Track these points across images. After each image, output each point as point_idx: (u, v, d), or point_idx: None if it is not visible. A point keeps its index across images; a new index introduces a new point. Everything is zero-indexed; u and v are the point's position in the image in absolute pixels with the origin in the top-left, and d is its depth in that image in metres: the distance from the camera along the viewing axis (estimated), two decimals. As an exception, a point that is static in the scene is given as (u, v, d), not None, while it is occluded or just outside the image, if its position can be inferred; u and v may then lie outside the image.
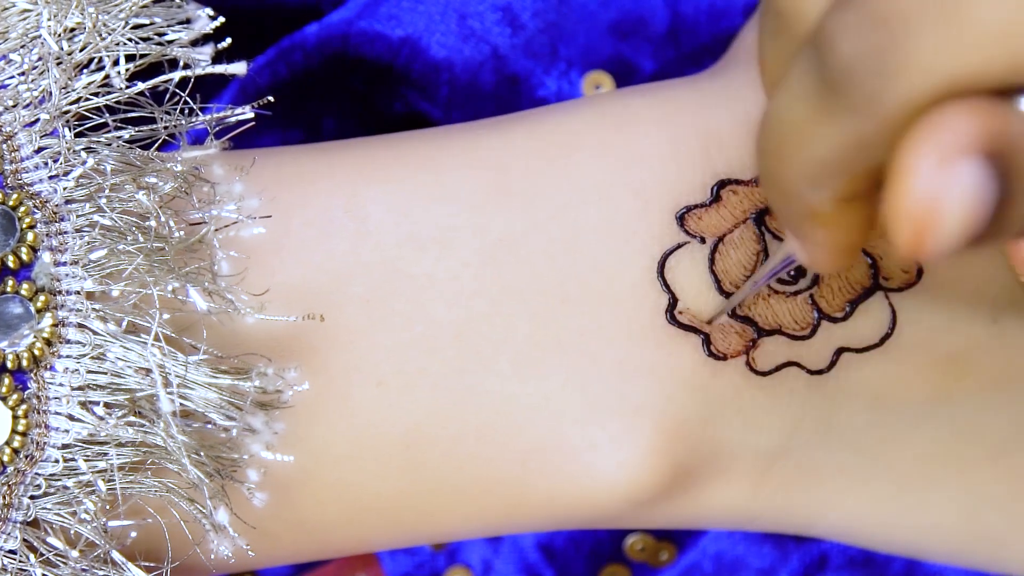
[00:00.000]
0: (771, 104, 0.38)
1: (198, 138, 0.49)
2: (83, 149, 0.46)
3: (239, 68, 0.50)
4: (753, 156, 0.39)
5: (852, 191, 0.37)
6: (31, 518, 0.46)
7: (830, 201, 0.37)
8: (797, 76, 0.36)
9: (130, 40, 0.48)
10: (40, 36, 0.47)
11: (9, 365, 0.46)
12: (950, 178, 0.33)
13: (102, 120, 0.47)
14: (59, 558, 0.46)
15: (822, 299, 0.50)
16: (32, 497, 0.46)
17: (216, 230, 0.48)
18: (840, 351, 0.51)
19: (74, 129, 0.47)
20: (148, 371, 0.46)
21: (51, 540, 0.46)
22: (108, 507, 0.47)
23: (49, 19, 0.47)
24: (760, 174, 0.39)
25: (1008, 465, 0.53)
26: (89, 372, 0.46)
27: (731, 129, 0.51)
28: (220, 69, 0.49)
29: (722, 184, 0.50)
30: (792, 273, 0.50)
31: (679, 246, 0.50)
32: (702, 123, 0.51)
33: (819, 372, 0.51)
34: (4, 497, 0.46)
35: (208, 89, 0.58)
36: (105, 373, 0.46)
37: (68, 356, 0.46)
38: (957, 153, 0.33)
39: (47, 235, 0.46)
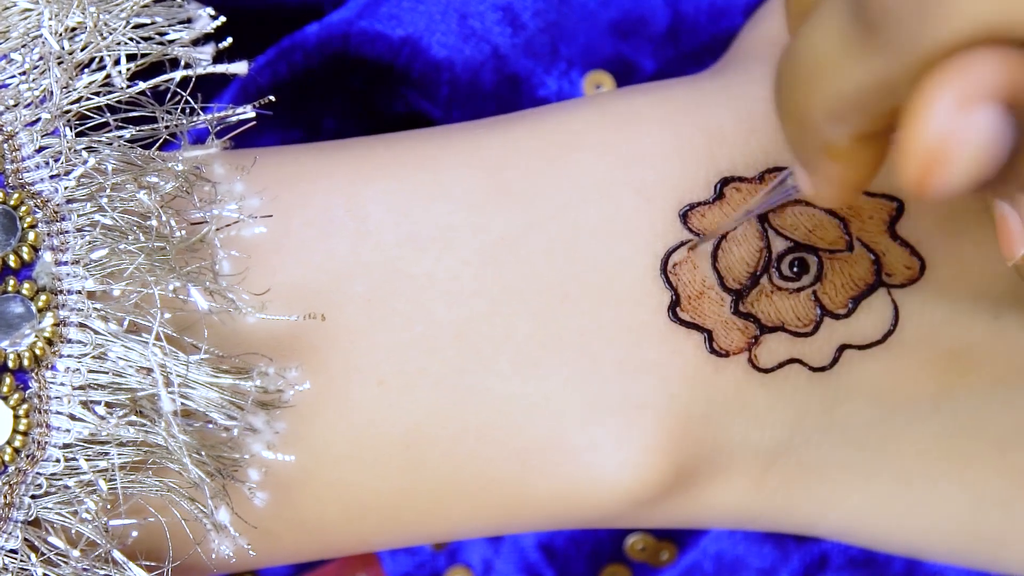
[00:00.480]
0: (799, 35, 0.38)
1: (199, 138, 0.49)
2: (84, 148, 0.46)
3: (240, 68, 0.50)
4: (772, 94, 0.40)
5: (870, 129, 0.37)
6: (32, 517, 0.46)
7: (847, 136, 0.38)
8: (830, 9, 0.37)
9: (131, 40, 0.48)
10: (41, 35, 0.47)
11: (10, 364, 0.46)
12: (966, 120, 0.34)
13: (103, 119, 0.47)
14: (60, 557, 0.46)
15: (824, 295, 0.50)
16: (33, 496, 0.46)
17: (217, 229, 0.48)
18: (843, 348, 0.51)
19: (75, 128, 0.47)
20: (149, 370, 0.46)
21: (52, 539, 0.46)
22: (109, 507, 0.47)
23: (50, 18, 0.47)
24: (778, 103, 0.40)
25: (1009, 462, 0.53)
26: (90, 371, 0.46)
27: (733, 127, 0.51)
28: (221, 69, 0.49)
29: (725, 182, 0.50)
30: (795, 270, 0.50)
31: (682, 243, 0.50)
32: (704, 121, 0.51)
33: (821, 369, 0.51)
34: (5, 496, 0.46)
35: (209, 89, 0.58)
36: (106, 372, 0.46)
37: (69, 355, 0.46)
38: (977, 97, 0.34)
39: (48, 234, 0.46)
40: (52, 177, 0.46)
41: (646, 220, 0.50)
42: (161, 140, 0.48)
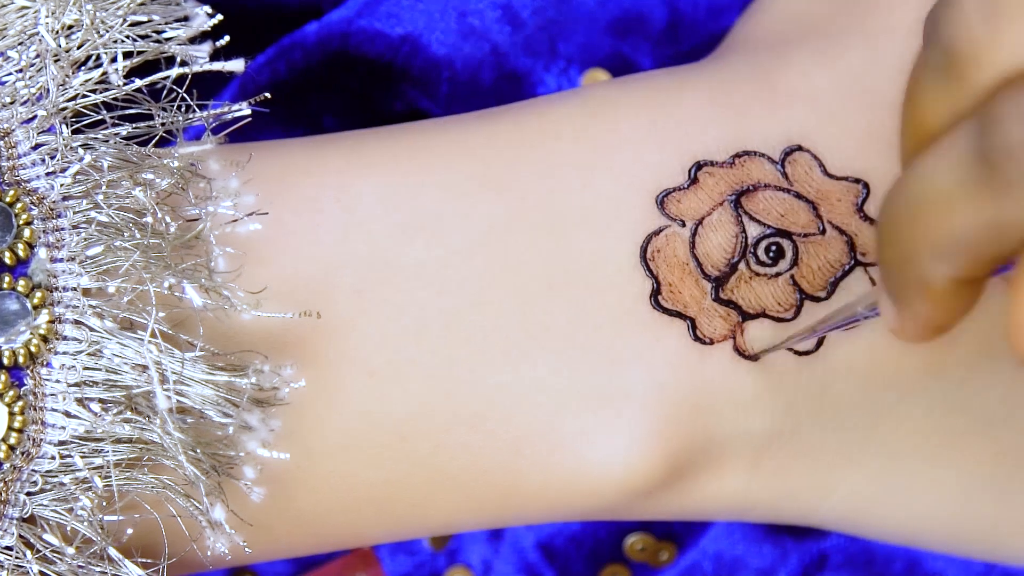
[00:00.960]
0: (916, 166, 0.37)
1: (198, 136, 0.49)
2: (80, 146, 0.47)
3: (236, 65, 0.50)
4: (878, 220, 0.39)
5: (973, 274, 0.37)
6: (28, 515, 0.46)
7: (947, 279, 0.37)
8: (954, 144, 0.36)
9: (128, 37, 0.48)
10: (38, 33, 0.47)
11: (5, 361, 0.46)
12: None
13: (99, 117, 0.47)
14: (56, 554, 0.46)
15: (803, 279, 0.50)
16: (29, 494, 0.46)
17: (212, 226, 0.48)
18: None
19: (71, 126, 0.47)
20: (144, 368, 0.46)
21: (48, 537, 0.46)
22: (105, 504, 0.47)
23: (47, 16, 0.47)
24: (882, 231, 0.39)
25: (995, 439, 0.53)
26: (86, 369, 0.46)
27: (710, 112, 0.51)
28: (218, 66, 0.49)
29: (699, 166, 0.50)
30: (772, 255, 0.50)
31: (660, 230, 0.50)
32: (679, 107, 0.51)
33: (807, 353, 0.51)
34: (1, 493, 0.46)
35: (209, 88, 0.58)
36: (101, 370, 0.46)
37: (65, 352, 0.46)
38: None
39: (44, 231, 0.46)
40: (48, 174, 0.46)
41: (625, 207, 0.50)
42: (157, 137, 0.48)
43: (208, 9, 0.50)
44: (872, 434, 0.52)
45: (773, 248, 0.50)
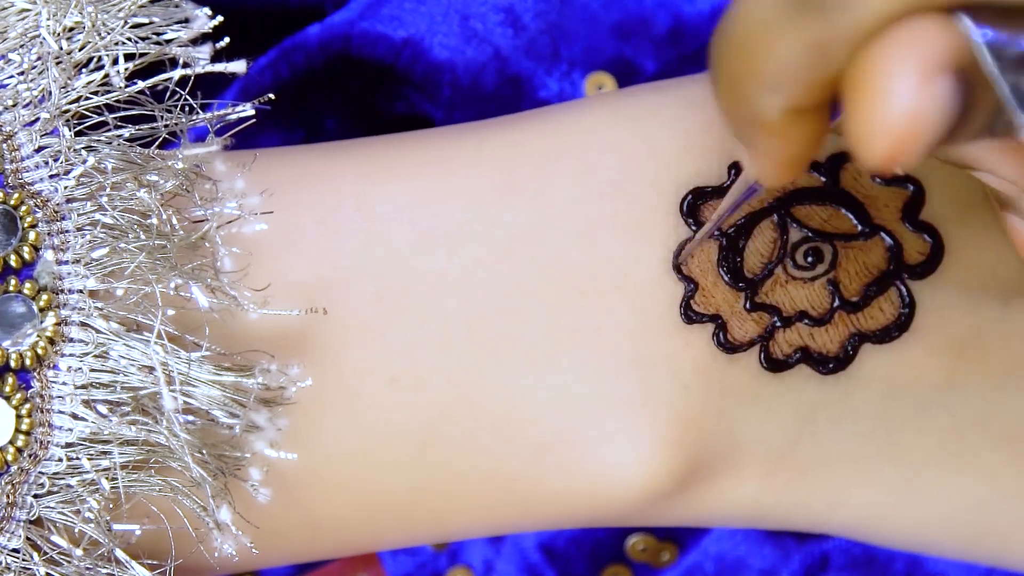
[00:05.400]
0: (733, 3, 0.37)
1: (201, 138, 0.49)
2: (83, 148, 0.47)
3: (238, 67, 0.50)
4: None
5: (805, 101, 0.37)
6: (35, 516, 0.46)
7: (780, 109, 0.37)
8: None
9: (129, 39, 0.48)
10: (39, 35, 0.47)
11: (12, 364, 0.46)
12: (929, 91, 0.34)
13: (102, 119, 0.47)
14: (63, 556, 0.46)
15: (839, 283, 0.50)
16: (36, 496, 0.46)
17: (218, 227, 0.48)
18: (859, 340, 0.51)
19: (74, 128, 0.47)
20: (151, 369, 0.46)
21: (55, 538, 0.46)
22: (111, 505, 0.47)
23: (48, 18, 0.47)
24: (713, 76, 0.39)
25: (1017, 454, 0.53)
26: (92, 371, 0.46)
27: None
28: (219, 68, 0.50)
29: (739, 169, 0.50)
30: (810, 259, 0.50)
31: (692, 236, 0.50)
32: (715, 116, 0.51)
33: (831, 371, 0.51)
34: (8, 496, 0.46)
35: (210, 89, 0.58)
36: (108, 371, 0.46)
37: (71, 355, 0.46)
38: (937, 67, 0.34)
39: (49, 234, 0.46)
40: (52, 177, 0.46)
41: (660, 215, 0.50)
42: (160, 139, 0.48)
43: (208, 11, 0.50)
44: (889, 445, 0.52)
45: (812, 252, 0.50)
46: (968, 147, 0.42)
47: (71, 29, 0.47)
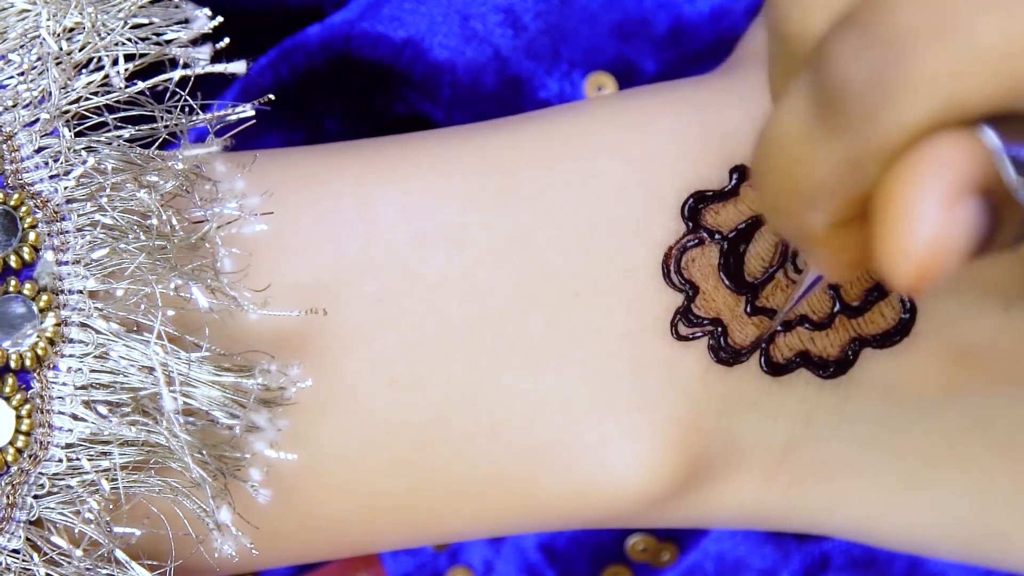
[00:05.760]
0: (769, 120, 0.37)
1: (201, 139, 0.49)
2: (83, 148, 0.47)
3: (238, 67, 0.50)
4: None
5: (846, 214, 0.36)
6: (35, 517, 0.46)
7: (824, 224, 0.37)
8: (795, 95, 0.36)
9: (129, 40, 0.48)
10: (39, 36, 0.47)
11: (12, 365, 0.46)
12: (954, 217, 0.33)
13: (102, 119, 0.47)
14: (63, 557, 0.46)
15: (840, 288, 0.50)
16: (36, 496, 0.46)
17: (218, 227, 0.48)
18: (859, 345, 0.51)
19: (74, 128, 0.47)
20: (151, 369, 0.46)
21: (55, 539, 0.46)
22: (112, 506, 0.47)
23: (48, 19, 0.47)
24: (757, 192, 0.39)
25: (1016, 460, 0.53)
26: (92, 371, 0.46)
27: (748, 126, 0.51)
28: (219, 68, 0.50)
29: (742, 174, 0.50)
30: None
31: (695, 242, 0.50)
32: (717, 120, 0.51)
33: (831, 375, 0.51)
34: (8, 496, 0.46)
35: (210, 90, 0.58)
36: (108, 372, 0.46)
37: (71, 355, 0.46)
38: (961, 191, 0.33)
39: (49, 234, 0.46)
40: (52, 177, 0.46)
41: (660, 219, 0.50)
42: (160, 140, 0.48)
43: (208, 11, 0.50)
44: (889, 450, 0.52)
45: None
46: None
47: (71, 30, 0.47)
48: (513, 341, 0.50)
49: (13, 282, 0.46)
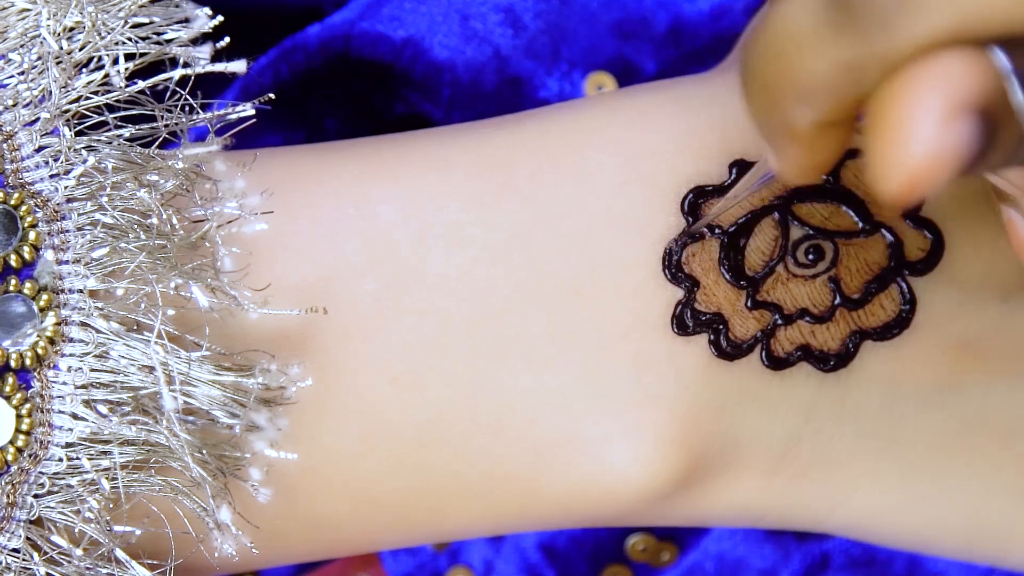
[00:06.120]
0: (775, 9, 0.37)
1: (202, 138, 0.49)
2: (84, 148, 0.47)
3: (238, 66, 0.50)
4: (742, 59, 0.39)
5: (834, 117, 0.36)
6: (35, 516, 0.46)
7: (810, 121, 0.37)
8: None
9: (129, 39, 0.48)
10: (40, 35, 0.47)
11: (13, 364, 0.46)
12: (951, 132, 0.33)
13: (102, 118, 0.47)
14: (63, 556, 0.46)
15: (840, 280, 0.50)
16: (36, 496, 0.46)
17: (218, 227, 0.48)
18: (860, 338, 0.51)
19: (74, 128, 0.47)
20: (151, 369, 0.46)
21: (55, 538, 0.46)
22: (112, 505, 0.47)
23: (48, 18, 0.47)
24: (745, 76, 0.38)
25: (1017, 454, 0.53)
26: (92, 370, 0.46)
27: (747, 121, 0.51)
28: (219, 68, 0.50)
29: (741, 168, 0.50)
30: (811, 257, 0.50)
31: (695, 236, 0.50)
32: (716, 116, 0.51)
33: (833, 368, 0.51)
34: (8, 496, 0.46)
35: (211, 89, 0.58)
36: (108, 371, 0.46)
37: (71, 355, 0.46)
38: (960, 107, 0.33)
39: (49, 234, 0.46)
40: (52, 176, 0.46)
41: (659, 215, 0.50)
42: (161, 139, 0.48)
43: (208, 11, 0.50)
44: (890, 444, 0.52)
45: (813, 250, 0.50)
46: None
47: (71, 29, 0.47)
48: (513, 339, 0.50)
49: (13, 281, 0.46)
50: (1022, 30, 0.33)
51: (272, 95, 0.50)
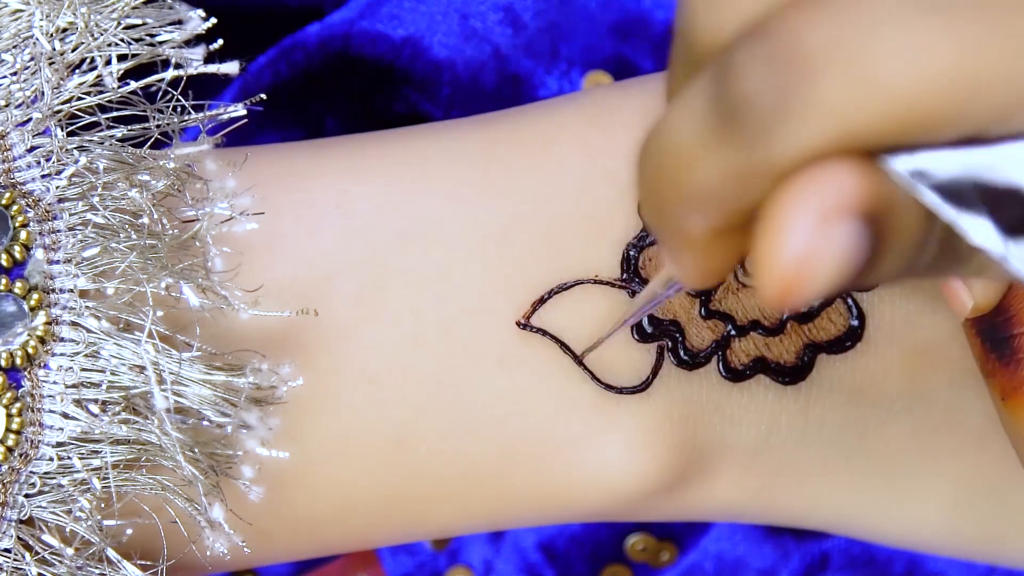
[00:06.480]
0: (662, 118, 0.36)
1: (197, 138, 0.49)
2: (75, 148, 0.47)
3: (232, 68, 0.50)
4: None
5: (725, 224, 0.35)
6: (26, 516, 0.46)
7: (703, 229, 0.36)
8: (693, 96, 0.35)
9: (122, 40, 0.48)
10: (32, 36, 0.47)
11: (3, 363, 0.46)
12: (826, 237, 0.33)
13: (94, 119, 0.47)
14: (55, 556, 0.46)
15: None
16: (27, 495, 0.46)
17: (209, 226, 0.48)
18: (814, 351, 0.51)
19: (66, 128, 0.47)
20: (142, 368, 0.46)
21: (46, 538, 0.47)
22: (103, 505, 0.47)
23: (41, 19, 0.47)
24: (638, 186, 0.37)
25: (990, 452, 0.53)
26: (83, 370, 0.46)
27: None
28: (213, 68, 0.50)
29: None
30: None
31: (638, 238, 0.50)
32: None
33: (792, 381, 0.51)
34: (-1, 495, 0.46)
35: (210, 90, 0.58)
36: (99, 371, 0.46)
37: (62, 354, 0.46)
38: (837, 212, 0.33)
39: (40, 233, 0.46)
40: (43, 176, 0.47)
41: (621, 213, 0.50)
42: (152, 139, 0.48)
43: (202, 12, 0.50)
44: (859, 453, 0.52)
45: None
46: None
47: (64, 30, 0.47)
48: (485, 339, 0.50)
49: (4, 280, 0.46)
50: (904, 141, 0.32)
51: (264, 96, 0.50)
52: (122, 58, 0.48)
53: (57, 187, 0.46)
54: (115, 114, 0.48)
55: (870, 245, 0.33)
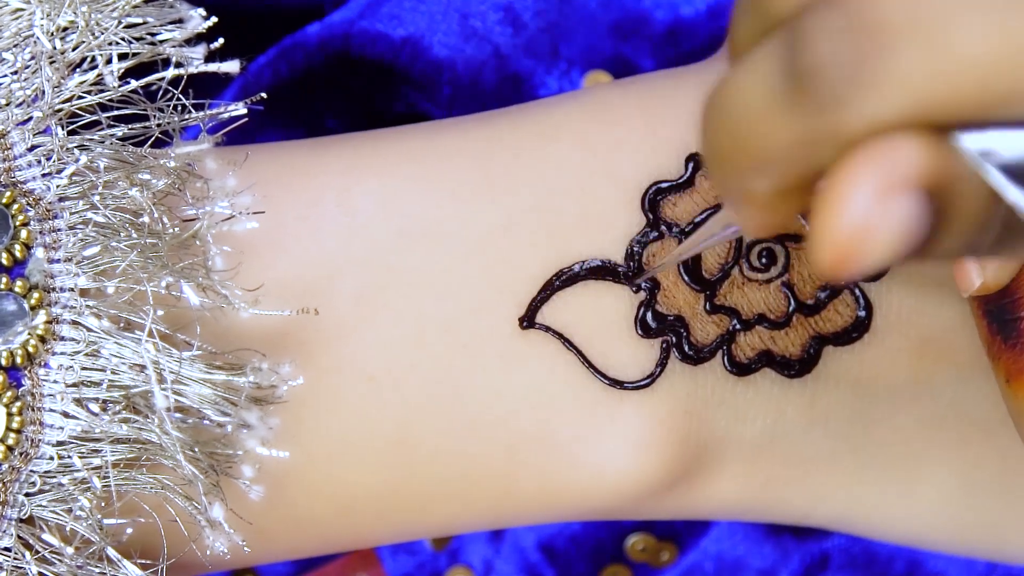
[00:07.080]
0: (730, 78, 0.36)
1: (197, 137, 0.49)
2: (76, 147, 0.47)
3: (232, 67, 0.50)
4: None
5: (789, 185, 0.36)
6: (26, 515, 0.46)
7: (767, 189, 0.36)
8: (764, 59, 0.35)
9: (123, 39, 0.48)
10: (33, 35, 0.47)
11: (3, 362, 0.46)
12: (885, 209, 0.33)
13: (95, 118, 0.47)
14: (55, 555, 0.46)
15: (794, 286, 0.50)
16: (27, 494, 0.46)
17: (209, 225, 0.48)
18: (821, 343, 0.51)
19: (67, 127, 0.47)
20: (142, 367, 0.46)
21: (47, 537, 0.47)
22: (103, 504, 0.47)
23: (42, 18, 0.47)
24: (703, 143, 0.38)
25: (996, 444, 0.53)
26: (83, 369, 0.46)
27: None
28: (213, 68, 0.50)
29: (696, 165, 0.50)
30: (764, 260, 0.50)
31: (656, 236, 0.50)
32: (679, 109, 0.51)
33: (797, 374, 0.51)
34: (-1, 494, 0.46)
35: (211, 89, 0.58)
36: (99, 370, 0.46)
37: (62, 353, 0.46)
38: (898, 185, 0.33)
39: (40, 232, 0.46)
40: (44, 175, 0.47)
41: (622, 210, 0.50)
42: (153, 138, 0.48)
43: (203, 11, 0.50)
44: (865, 445, 0.52)
45: (765, 253, 0.50)
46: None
47: (65, 29, 0.47)
48: (485, 338, 0.50)
49: (4, 279, 0.46)
50: (981, 117, 0.33)
51: (264, 95, 0.50)
52: (123, 57, 0.48)
53: (58, 186, 0.46)
54: (116, 113, 0.48)
55: (931, 222, 0.33)
